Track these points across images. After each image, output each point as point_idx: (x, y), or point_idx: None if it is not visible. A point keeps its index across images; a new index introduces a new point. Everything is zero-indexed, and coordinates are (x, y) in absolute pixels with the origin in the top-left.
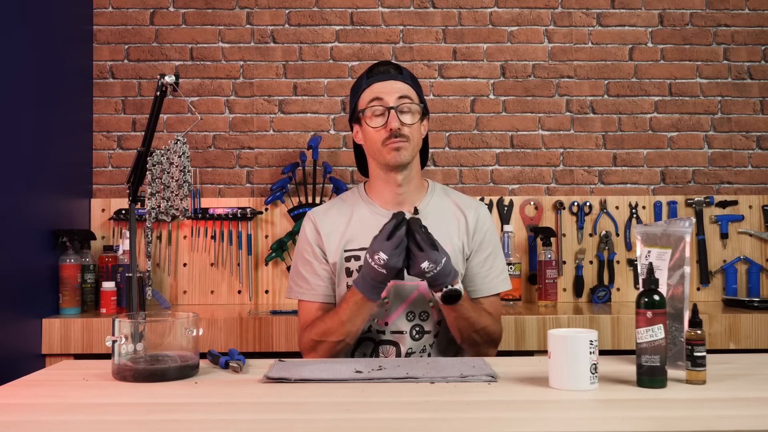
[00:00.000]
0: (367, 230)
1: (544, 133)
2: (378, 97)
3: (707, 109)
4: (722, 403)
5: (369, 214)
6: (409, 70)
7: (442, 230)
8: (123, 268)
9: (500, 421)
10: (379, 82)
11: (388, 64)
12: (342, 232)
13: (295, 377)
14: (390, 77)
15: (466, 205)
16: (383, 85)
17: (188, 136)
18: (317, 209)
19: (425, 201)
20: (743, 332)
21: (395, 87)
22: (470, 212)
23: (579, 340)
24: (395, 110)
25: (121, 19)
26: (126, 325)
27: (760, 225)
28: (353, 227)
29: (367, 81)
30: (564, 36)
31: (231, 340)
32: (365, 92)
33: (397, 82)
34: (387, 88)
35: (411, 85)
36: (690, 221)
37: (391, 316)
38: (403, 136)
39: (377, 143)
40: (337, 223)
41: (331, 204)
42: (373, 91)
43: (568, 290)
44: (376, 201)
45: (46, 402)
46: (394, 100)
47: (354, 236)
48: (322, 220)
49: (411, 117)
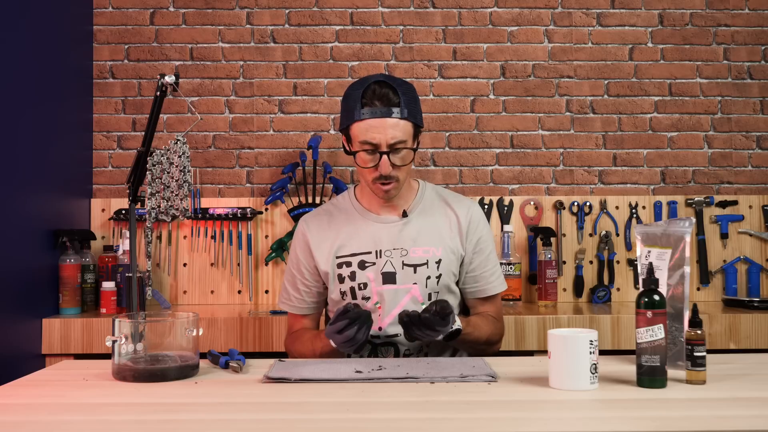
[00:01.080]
0: (358, 237)
1: (544, 133)
2: (370, 141)
3: (707, 109)
4: (722, 403)
5: (359, 220)
6: (409, 87)
7: (433, 233)
8: (123, 268)
9: (500, 421)
10: (375, 119)
11: (385, 86)
12: (333, 239)
13: (295, 377)
14: (385, 113)
15: (458, 204)
16: (378, 124)
17: (188, 136)
18: (308, 216)
19: (414, 203)
20: (743, 332)
21: (390, 129)
22: (462, 211)
23: (579, 340)
24: (387, 155)
25: (121, 19)
26: (126, 325)
27: (760, 225)
28: (344, 234)
29: (360, 112)
30: (564, 36)
31: (231, 340)
32: (358, 126)
33: (392, 119)
34: (381, 129)
35: (408, 116)
36: (690, 221)
37: (385, 320)
38: (393, 177)
39: (367, 178)
40: (327, 230)
41: (322, 210)
42: (366, 130)
43: (568, 290)
44: (366, 206)
45: (46, 402)
46: (386, 145)
47: (345, 242)
48: (311, 228)
49: (402, 159)
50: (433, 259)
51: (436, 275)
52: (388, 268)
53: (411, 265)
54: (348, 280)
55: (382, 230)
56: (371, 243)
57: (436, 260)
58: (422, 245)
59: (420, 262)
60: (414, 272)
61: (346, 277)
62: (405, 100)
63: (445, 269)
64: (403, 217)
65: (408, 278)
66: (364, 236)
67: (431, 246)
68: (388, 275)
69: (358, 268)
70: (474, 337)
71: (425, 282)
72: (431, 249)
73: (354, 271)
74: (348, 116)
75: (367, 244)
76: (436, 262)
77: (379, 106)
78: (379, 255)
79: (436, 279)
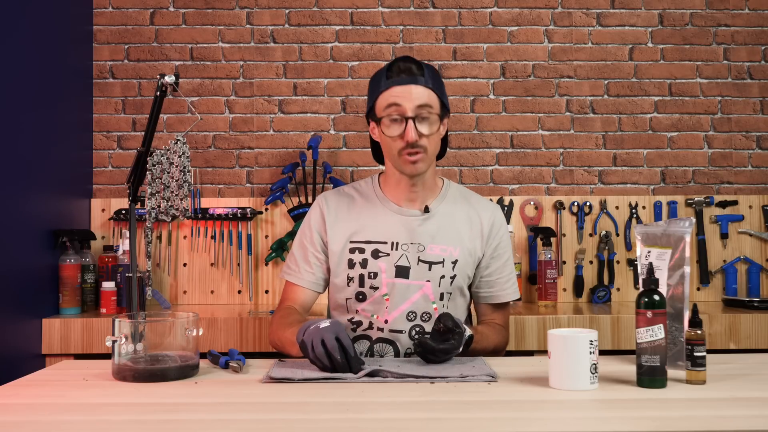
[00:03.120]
0: (375, 225)
1: (544, 133)
2: (396, 104)
3: (707, 109)
4: (722, 403)
5: (380, 209)
6: (432, 67)
7: (453, 232)
8: (123, 268)
9: (500, 421)
10: (399, 86)
11: (409, 61)
12: (350, 221)
13: (295, 377)
14: (410, 81)
15: (482, 207)
16: (403, 90)
17: (188, 136)
18: (329, 193)
19: (437, 202)
20: (743, 332)
21: (415, 93)
22: (485, 215)
23: (579, 340)
24: (413, 120)
25: (121, 19)
26: (126, 325)
27: (760, 225)
28: (362, 220)
29: (386, 82)
30: (564, 36)
31: (231, 340)
32: (384, 95)
33: (417, 86)
34: (406, 94)
35: (432, 88)
36: (690, 221)
37: (392, 314)
38: (420, 147)
39: (393, 151)
40: (346, 211)
41: (344, 190)
42: (391, 96)
43: (568, 290)
44: (388, 196)
45: (46, 402)
46: (413, 109)
47: (361, 228)
48: (330, 206)
49: (429, 127)
50: (449, 258)
51: (450, 275)
52: (402, 262)
53: (426, 262)
54: (359, 267)
55: (401, 222)
56: (388, 233)
57: (453, 260)
58: (440, 243)
59: (436, 260)
60: (429, 269)
61: (357, 264)
62: (429, 73)
63: (460, 270)
64: (425, 212)
65: (422, 275)
66: (382, 226)
67: (449, 245)
68: (402, 269)
69: (371, 257)
70: (481, 346)
71: (439, 281)
72: (449, 248)
73: (366, 258)
74: (374, 93)
75: (384, 234)
76: (452, 262)
77: (404, 77)
78: (395, 247)
79: (450, 279)
